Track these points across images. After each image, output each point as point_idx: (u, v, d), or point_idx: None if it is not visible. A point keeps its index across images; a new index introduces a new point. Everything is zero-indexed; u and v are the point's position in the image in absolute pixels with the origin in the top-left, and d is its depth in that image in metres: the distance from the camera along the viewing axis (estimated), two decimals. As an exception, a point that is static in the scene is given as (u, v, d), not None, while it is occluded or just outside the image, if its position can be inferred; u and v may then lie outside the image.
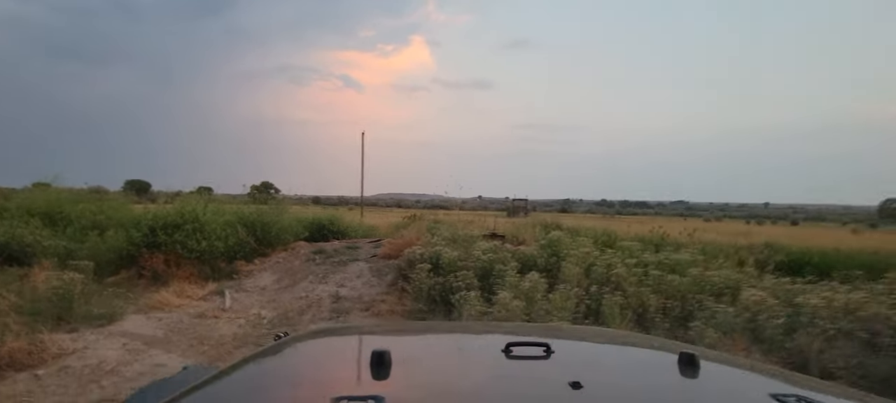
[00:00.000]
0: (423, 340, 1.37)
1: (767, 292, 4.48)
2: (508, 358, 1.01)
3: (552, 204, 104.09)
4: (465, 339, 1.39)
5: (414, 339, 1.38)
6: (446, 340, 1.38)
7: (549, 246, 6.45)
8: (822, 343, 3.56)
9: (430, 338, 1.41)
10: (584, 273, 5.52)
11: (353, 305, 6.18)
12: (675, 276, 4.99)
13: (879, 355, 3.43)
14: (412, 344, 1.30)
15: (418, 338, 1.41)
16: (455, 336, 1.48)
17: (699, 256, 6.22)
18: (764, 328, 3.81)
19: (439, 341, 1.36)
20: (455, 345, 1.30)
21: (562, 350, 1.09)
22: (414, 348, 1.25)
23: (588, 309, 4.66)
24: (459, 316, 4.76)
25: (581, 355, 1.19)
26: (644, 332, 4.35)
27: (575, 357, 1.13)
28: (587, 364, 1.09)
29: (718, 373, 1.07)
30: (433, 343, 1.32)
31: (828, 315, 3.88)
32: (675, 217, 65.76)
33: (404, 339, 1.36)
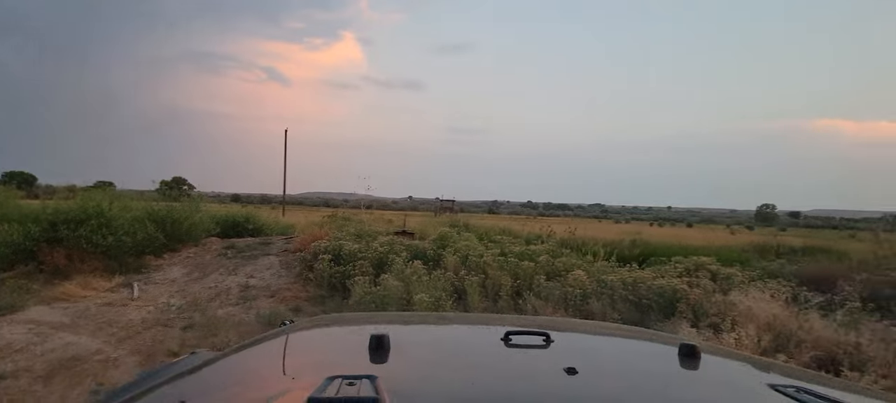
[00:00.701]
0: (424, 328, 1.41)
1: (589, 273, 5.90)
2: (507, 347, 1.03)
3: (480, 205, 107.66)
4: (466, 328, 1.45)
5: (415, 327, 1.41)
6: (447, 329, 1.43)
7: (438, 240, 7.56)
8: (605, 305, 4.96)
9: (432, 327, 1.45)
10: (461, 261, 6.68)
11: (261, 293, 6.83)
12: (527, 263, 6.30)
13: (642, 311, 4.89)
14: (413, 331, 1.32)
15: (419, 326, 1.44)
16: (456, 325, 1.53)
17: (559, 249, 7.66)
18: (571, 296, 5.16)
19: (440, 329, 1.40)
20: (455, 333, 1.35)
21: (561, 339, 1.12)
22: (414, 335, 1.27)
23: (455, 288, 5.79)
24: (351, 296, 5.68)
25: (580, 344, 1.21)
26: (493, 304, 5.56)
27: (574, 346, 1.16)
28: (585, 353, 1.12)
29: (718, 364, 1.09)
30: (434, 331, 1.36)
31: (620, 286, 5.32)
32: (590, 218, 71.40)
33: (405, 327, 1.39)
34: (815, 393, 0.80)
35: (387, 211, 35.86)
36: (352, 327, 1.40)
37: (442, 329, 1.41)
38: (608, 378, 0.92)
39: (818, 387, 0.86)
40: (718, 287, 5.35)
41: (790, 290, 4.93)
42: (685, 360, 0.99)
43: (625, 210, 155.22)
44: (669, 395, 0.85)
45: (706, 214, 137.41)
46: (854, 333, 3.91)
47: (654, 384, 0.91)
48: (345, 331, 1.34)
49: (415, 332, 1.31)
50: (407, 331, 1.30)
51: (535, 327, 1.21)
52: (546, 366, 0.94)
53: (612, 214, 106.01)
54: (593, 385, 0.85)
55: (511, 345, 1.03)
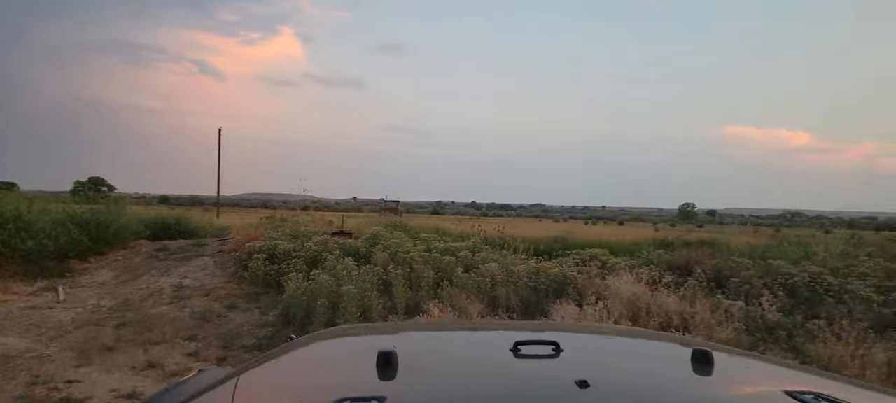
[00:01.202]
0: (432, 340, 1.38)
1: (501, 265, 6.75)
2: (517, 357, 1.00)
3: (426, 205, 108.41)
4: (475, 339, 1.41)
5: (422, 339, 1.39)
6: (455, 340, 1.39)
7: (371, 239, 8.14)
8: (510, 292, 5.82)
9: (439, 338, 1.41)
10: (390, 257, 7.30)
11: (195, 293, 7.06)
12: (449, 257, 7.05)
13: (539, 294, 5.79)
14: (420, 344, 1.30)
15: (427, 338, 1.41)
16: (465, 335, 1.49)
17: (481, 245, 8.50)
18: (482, 285, 5.96)
19: (448, 341, 1.37)
20: (464, 345, 1.32)
21: (571, 347, 1.09)
22: (422, 348, 1.25)
23: (383, 281, 6.41)
24: (285, 292, 6.12)
25: (591, 352, 1.19)
26: (414, 293, 6.24)
27: (584, 355, 1.13)
28: (597, 362, 1.09)
29: (732, 370, 1.07)
30: (442, 343, 1.33)
31: (524, 275, 6.20)
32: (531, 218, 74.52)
33: (412, 339, 1.37)
34: (833, 399, 0.77)
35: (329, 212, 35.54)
36: (358, 340, 1.40)
37: (449, 339, 1.39)
38: (620, 389, 0.90)
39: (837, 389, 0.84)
40: (602, 272, 6.39)
41: (657, 274, 6.05)
42: (698, 366, 0.97)
43: (564, 209, 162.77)
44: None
45: (636, 213, 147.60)
46: (689, 305, 5.01)
47: (667, 394, 0.89)
48: (351, 346, 1.32)
49: (422, 345, 1.30)
50: (414, 344, 1.28)
51: (543, 334, 1.20)
52: (557, 379, 0.92)
53: (552, 214, 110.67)
54: (605, 398, 0.82)
55: (520, 356, 1.00)
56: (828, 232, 21.89)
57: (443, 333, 1.50)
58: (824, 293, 5.64)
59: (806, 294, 5.69)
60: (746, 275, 6.13)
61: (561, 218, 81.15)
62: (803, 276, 5.88)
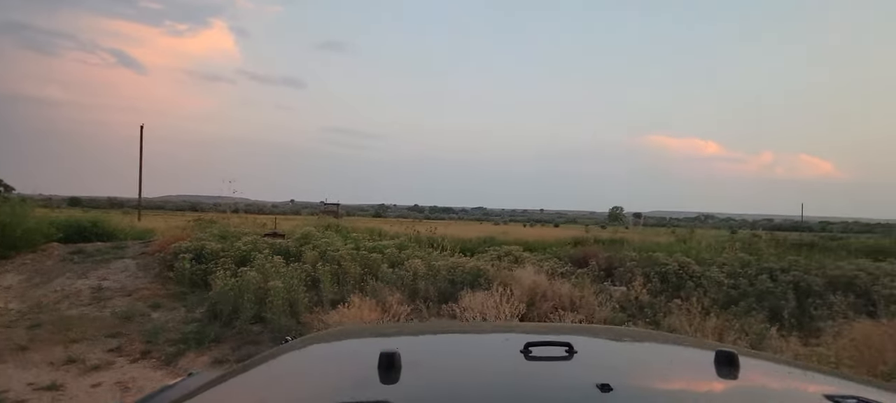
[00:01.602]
0: (437, 341, 1.33)
1: (425, 262, 7.33)
2: (528, 359, 0.96)
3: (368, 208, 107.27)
4: (482, 340, 1.36)
5: (427, 340, 1.34)
6: (462, 341, 1.34)
7: (301, 239, 8.41)
8: (429, 284, 6.41)
9: (445, 339, 1.36)
10: (320, 255, 7.64)
11: (116, 294, 6.97)
12: (375, 255, 7.53)
13: (455, 285, 6.44)
14: (425, 345, 1.25)
15: (432, 339, 1.36)
16: (471, 336, 1.43)
17: (409, 243, 9.05)
18: (405, 279, 6.52)
19: (454, 342, 1.32)
20: (471, 346, 1.26)
21: (585, 349, 1.04)
22: (426, 349, 1.21)
23: (312, 278, 6.75)
24: (212, 289, 6.29)
25: (606, 355, 1.14)
26: (341, 288, 6.65)
27: (599, 357, 1.08)
28: (613, 365, 1.04)
29: (760, 374, 1.01)
30: (447, 345, 1.28)
31: (444, 269, 6.82)
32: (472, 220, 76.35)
33: (416, 340, 1.32)
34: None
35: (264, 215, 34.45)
36: (359, 341, 1.33)
37: (455, 341, 1.33)
38: (644, 394, 0.84)
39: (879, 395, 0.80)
40: (512, 265, 7.17)
41: (558, 266, 6.92)
42: (723, 369, 0.92)
43: (505, 213, 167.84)
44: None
45: (572, 216, 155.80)
46: (578, 290, 5.87)
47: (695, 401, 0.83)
48: (351, 347, 1.25)
49: (426, 346, 1.24)
50: (418, 345, 1.23)
51: (554, 335, 1.16)
52: (573, 381, 0.88)
53: (493, 216, 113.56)
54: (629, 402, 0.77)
55: (531, 358, 0.96)
56: (734, 232, 24.65)
57: (448, 335, 1.44)
58: (688, 278, 6.79)
59: (674, 280, 6.81)
60: (630, 266, 7.18)
61: (501, 221, 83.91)
62: (674, 266, 7.03)
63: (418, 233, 13.62)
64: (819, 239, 19.78)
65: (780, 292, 6.61)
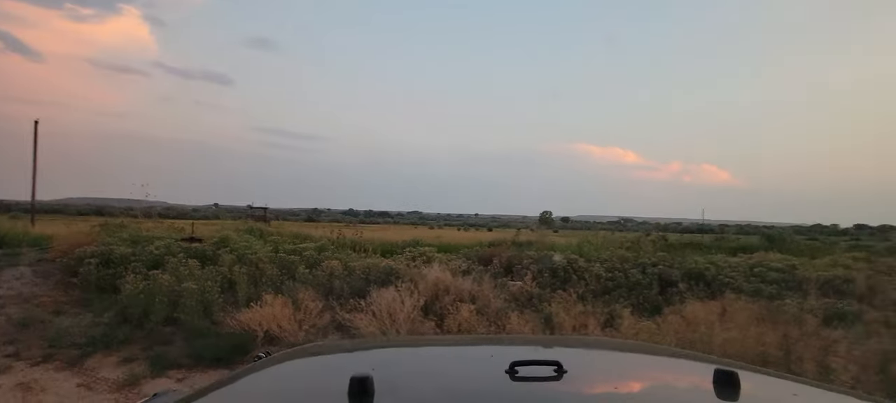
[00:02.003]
0: (416, 359, 1.27)
1: (342, 263, 7.77)
2: (513, 380, 0.89)
3: (300, 212, 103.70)
4: (465, 358, 1.28)
5: (405, 359, 1.28)
6: (443, 360, 1.27)
7: (219, 242, 8.48)
8: (343, 283, 6.88)
9: (424, 357, 1.29)
10: (237, 258, 7.81)
11: (10, 302, 6.68)
12: (294, 257, 7.84)
13: (368, 282, 6.96)
14: (402, 365, 1.20)
15: (410, 357, 1.30)
16: (454, 352, 1.36)
17: (329, 246, 9.41)
18: (320, 279, 6.93)
19: (435, 361, 1.25)
20: (452, 366, 1.19)
21: (575, 368, 0.97)
22: (403, 370, 1.14)
23: (227, 280, 6.94)
24: (121, 293, 6.29)
25: (597, 374, 1.07)
26: (256, 288, 6.91)
27: (590, 377, 1.03)
28: (604, 385, 0.96)
29: (763, 394, 0.97)
30: (427, 364, 1.22)
31: (359, 269, 7.32)
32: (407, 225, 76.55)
33: (393, 359, 1.26)
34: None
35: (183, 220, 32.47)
36: (332, 359, 1.26)
37: (436, 359, 1.26)
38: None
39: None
40: (423, 265, 7.83)
41: (466, 264, 7.68)
42: (723, 389, 0.86)
43: (440, 217, 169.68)
44: None
45: (505, 220, 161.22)
46: (477, 285, 6.65)
47: None
48: (322, 368, 1.18)
49: (404, 365, 1.18)
50: (394, 365, 1.18)
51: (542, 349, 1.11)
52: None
53: (429, 220, 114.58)
54: None
55: (517, 379, 0.89)
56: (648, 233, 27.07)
57: (428, 350, 1.37)
58: (574, 273, 7.85)
59: (562, 274, 7.85)
60: (527, 263, 8.14)
61: (436, 225, 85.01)
62: (563, 262, 8.08)
63: (341, 237, 13.97)
64: (704, 238, 22.60)
65: (646, 282, 7.86)
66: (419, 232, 35.27)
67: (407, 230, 41.10)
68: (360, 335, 5.24)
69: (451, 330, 5.47)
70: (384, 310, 5.72)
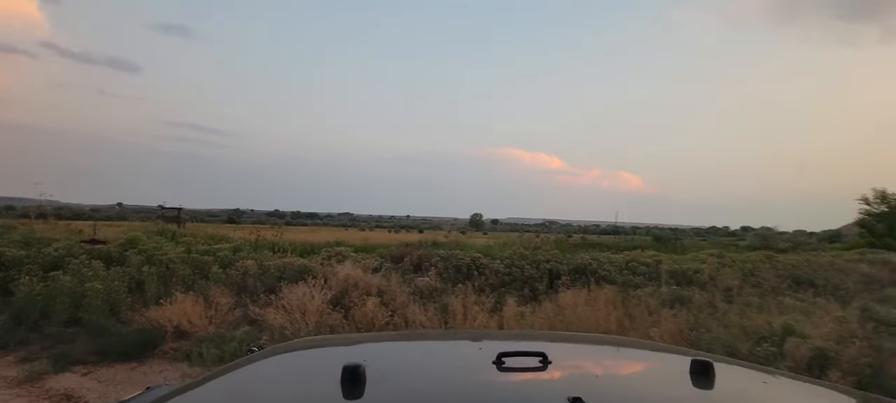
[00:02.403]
0: (407, 351, 1.30)
1: (257, 262, 8.05)
2: (500, 371, 0.93)
3: (220, 213, 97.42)
4: (454, 350, 1.32)
5: (396, 351, 1.30)
6: (433, 351, 1.30)
7: (126, 243, 8.36)
8: (257, 280, 7.22)
9: (415, 350, 1.32)
10: (146, 259, 7.80)
11: None
12: (207, 257, 7.99)
13: (281, 279, 7.35)
14: (393, 357, 1.22)
15: (401, 349, 1.32)
16: (444, 345, 1.39)
17: (246, 247, 9.57)
18: (234, 278, 7.21)
19: (425, 353, 1.28)
20: (442, 358, 1.22)
21: (559, 359, 1.02)
22: (394, 361, 1.17)
23: (136, 280, 6.98)
24: (15, 296, 6.14)
25: (580, 365, 1.12)
26: (166, 288, 7.03)
27: (574, 367, 1.07)
28: (587, 375, 1.02)
29: (737, 383, 1.01)
30: (417, 356, 1.24)
31: (274, 268, 7.67)
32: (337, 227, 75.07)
33: (385, 351, 1.29)
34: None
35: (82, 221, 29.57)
36: (325, 352, 1.30)
37: (425, 351, 1.30)
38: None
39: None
40: (337, 263, 8.36)
41: (379, 262, 8.30)
42: (698, 379, 0.91)
43: (372, 219, 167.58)
44: None
45: (436, 222, 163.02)
46: (386, 281, 7.32)
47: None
48: (315, 360, 1.22)
49: (395, 357, 1.22)
50: (386, 356, 1.21)
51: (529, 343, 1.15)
52: (545, 395, 0.86)
53: (360, 222, 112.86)
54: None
55: (504, 369, 0.93)
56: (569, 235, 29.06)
57: (419, 343, 1.41)
58: (476, 269, 8.80)
59: (465, 270, 8.76)
60: (435, 261, 8.96)
61: (367, 226, 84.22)
62: (466, 260, 9.01)
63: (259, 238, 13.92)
64: (610, 239, 25.05)
65: (538, 276, 9.00)
66: (348, 234, 35.09)
67: (335, 232, 40.60)
68: (268, 328, 5.68)
69: (357, 321, 6.08)
70: (295, 305, 6.20)
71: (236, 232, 15.09)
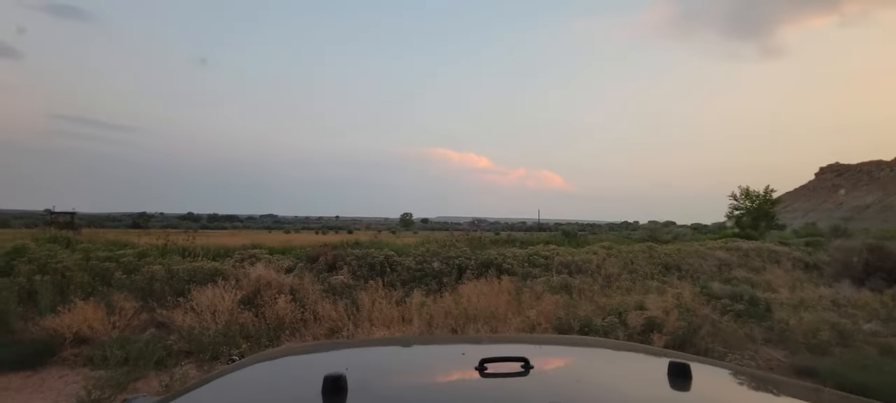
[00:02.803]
0: (389, 358, 1.31)
1: (164, 266, 8.00)
2: (483, 377, 0.95)
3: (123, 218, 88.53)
4: (437, 355, 1.32)
5: (378, 357, 1.31)
6: (416, 358, 1.31)
7: (13, 252, 7.89)
8: (164, 284, 7.26)
9: (398, 356, 1.33)
10: (39, 268, 7.45)
11: None
12: (109, 263, 7.80)
13: (191, 283, 7.43)
14: (376, 364, 1.23)
15: (384, 356, 1.33)
16: (427, 350, 1.40)
17: (152, 252, 9.36)
18: (139, 282, 7.18)
19: (408, 359, 1.30)
20: (424, 364, 1.24)
21: (541, 363, 1.05)
22: (377, 369, 1.18)
23: (25, 291, 6.70)
24: None
25: (562, 369, 1.15)
26: (63, 298, 6.85)
27: (556, 371, 1.09)
28: (569, 379, 1.04)
29: (713, 384, 1.04)
30: (400, 362, 1.26)
31: (182, 271, 7.70)
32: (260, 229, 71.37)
33: (367, 358, 1.29)
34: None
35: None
36: (306, 359, 1.30)
37: (408, 358, 1.32)
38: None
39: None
40: (250, 264, 8.55)
41: (294, 263, 8.59)
42: (676, 381, 0.94)
43: (298, 220, 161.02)
44: None
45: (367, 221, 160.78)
46: (299, 280, 7.69)
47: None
48: (296, 368, 1.22)
49: (378, 365, 1.22)
50: (368, 364, 1.21)
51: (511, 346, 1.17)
52: (527, 401, 0.88)
53: (286, 224, 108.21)
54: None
55: (487, 375, 0.95)
56: (497, 233, 30.26)
57: (402, 349, 1.41)
58: (389, 266, 9.44)
59: (379, 267, 9.35)
60: (349, 259, 9.44)
61: (293, 229, 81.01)
62: (380, 258, 9.61)
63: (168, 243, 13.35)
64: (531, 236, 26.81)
65: (447, 271, 9.82)
66: (271, 237, 33.87)
67: (256, 235, 38.85)
68: (176, 329, 5.85)
69: (267, 319, 6.42)
70: (205, 305, 6.40)
71: (142, 239, 14.27)
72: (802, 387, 1.06)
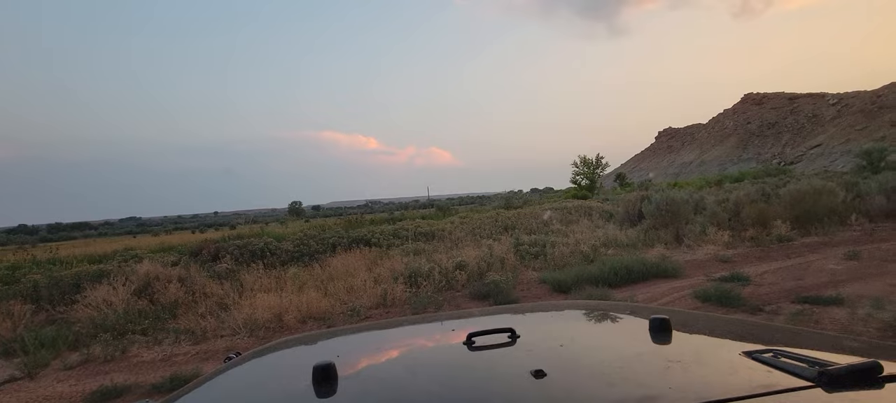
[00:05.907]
0: (380, 342, 1.32)
1: (44, 275, 8.64)
2: (471, 350, 0.99)
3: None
4: (426, 333, 1.37)
5: (370, 342, 1.34)
6: (405, 339, 1.35)
7: None
8: (51, 290, 8.07)
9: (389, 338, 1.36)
10: None
11: None
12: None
13: (79, 287, 8.32)
14: (367, 348, 1.26)
15: (375, 339, 1.36)
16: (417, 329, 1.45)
17: (23, 265, 9.68)
18: (23, 290, 7.89)
19: (398, 341, 1.33)
20: (414, 344, 1.28)
21: (527, 332, 1.09)
22: (369, 352, 1.21)
23: None
24: None
25: (548, 336, 1.16)
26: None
27: (541, 339, 1.11)
28: (554, 346, 1.05)
29: (691, 338, 1.08)
30: (391, 344, 1.28)
31: (71, 276, 8.48)
32: (123, 235, 63.41)
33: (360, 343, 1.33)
34: (791, 355, 0.80)
35: None
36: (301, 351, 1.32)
37: (399, 338, 1.35)
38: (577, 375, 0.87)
39: (794, 348, 0.86)
40: (135, 263, 9.51)
41: (177, 258, 9.71)
42: (657, 336, 1.01)
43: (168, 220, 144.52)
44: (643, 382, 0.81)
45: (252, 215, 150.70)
46: (185, 271, 8.98)
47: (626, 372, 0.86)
48: (291, 360, 1.23)
49: (369, 348, 1.25)
50: (360, 349, 1.25)
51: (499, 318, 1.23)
52: (513, 370, 0.90)
53: (152, 227, 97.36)
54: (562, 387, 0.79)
55: (475, 348, 0.99)
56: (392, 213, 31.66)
57: (392, 332, 1.44)
58: (269, 251, 11.01)
59: (259, 253, 10.89)
60: (231, 249, 10.83)
61: (163, 230, 73.56)
62: (260, 245, 11.13)
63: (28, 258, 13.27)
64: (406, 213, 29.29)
65: (322, 249, 11.69)
66: (138, 242, 31.38)
67: (121, 241, 35.34)
68: (77, 321, 6.96)
69: (162, 304, 7.74)
70: (100, 300, 7.52)
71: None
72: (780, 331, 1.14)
